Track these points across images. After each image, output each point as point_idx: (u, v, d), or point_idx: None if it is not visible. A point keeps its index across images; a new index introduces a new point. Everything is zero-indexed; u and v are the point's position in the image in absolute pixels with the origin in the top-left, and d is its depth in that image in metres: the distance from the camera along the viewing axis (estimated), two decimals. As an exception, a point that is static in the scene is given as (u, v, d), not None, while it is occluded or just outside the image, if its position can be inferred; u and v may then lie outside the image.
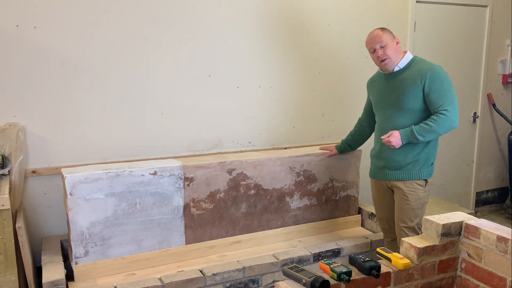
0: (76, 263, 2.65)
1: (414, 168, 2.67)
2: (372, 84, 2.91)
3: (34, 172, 2.88)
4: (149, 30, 3.05)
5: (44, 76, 2.82)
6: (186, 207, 2.90)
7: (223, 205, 3.03)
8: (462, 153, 4.63)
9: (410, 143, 2.61)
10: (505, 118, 4.71)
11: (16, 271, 2.46)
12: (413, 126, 2.58)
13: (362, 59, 3.80)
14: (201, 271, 2.65)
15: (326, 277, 1.73)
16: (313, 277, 1.66)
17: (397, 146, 2.59)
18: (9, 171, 2.70)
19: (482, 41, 4.51)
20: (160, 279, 2.55)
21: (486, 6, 4.44)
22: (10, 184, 2.64)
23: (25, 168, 2.82)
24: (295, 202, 3.27)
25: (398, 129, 2.62)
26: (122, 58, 3.01)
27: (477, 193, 4.83)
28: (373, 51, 2.68)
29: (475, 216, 2.18)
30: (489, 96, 4.66)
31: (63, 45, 2.84)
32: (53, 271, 2.51)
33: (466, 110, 4.58)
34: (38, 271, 2.71)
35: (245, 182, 3.07)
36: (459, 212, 2.11)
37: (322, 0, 3.61)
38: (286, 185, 3.22)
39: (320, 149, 3.37)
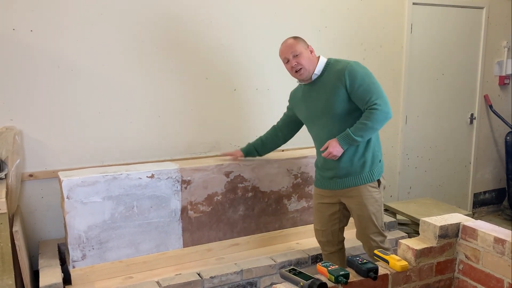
0: (74, 267, 2.64)
1: (364, 171, 2.56)
2: (295, 98, 2.80)
3: (31, 175, 2.87)
4: (146, 33, 3.05)
5: (41, 80, 2.82)
6: (183, 210, 2.90)
7: (220, 208, 3.02)
8: (459, 154, 4.64)
9: (350, 146, 2.51)
10: (502, 119, 4.72)
11: (13, 275, 2.45)
12: (348, 129, 2.47)
13: (359, 61, 3.79)
14: (199, 274, 2.64)
15: (324, 279, 1.72)
16: (311, 280, 1.65)
17: (339, 155, 2.50)
18: (6, 174, 2.70)
19: (478, 42, 4.52)
20: (158, 282, 2.54)
21: (482, 8, 4.46)
22: (7, 187, 2.63)
23: (22, 172, 2.81)
24: (293, 204, 3.27)
25: (334, 137, 2.52)
26: (119, 61, 3.01)
27: (474, 194, 4.83)
28: (286, 61, 2.59)
29: (472, 217, 2.19)
30: (486, 98, 4.68)
31: (60, 48, 2.84)
32: (51, 275, 2.50)
33: (463, 111, 4.59)
34: (35, 275, 2.70)
35: (243, 185, 3.07)
36: (456, 213, 2.11)
37: (319, 2, 3.62)
38: (283, 187, 3.22)
39: (222, 155, 3.17)
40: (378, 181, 2.61)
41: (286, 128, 2.95)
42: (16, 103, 2.79)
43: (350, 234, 3.42)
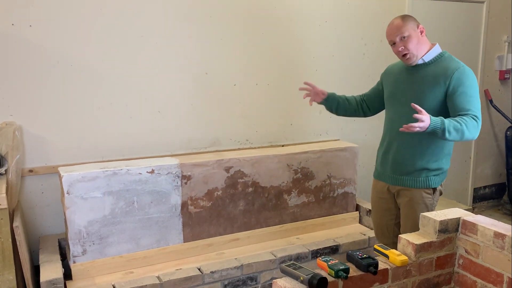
0: (74, 262, 2.65)
1: (421, 176, 2.43)
2: (390, 72, 2.61)
3: (31, 171, 2.87)
4: (146, 28, 3.04)
5: (40, 75, 2.81)
6: (183, 205, 2.90)
7: (220, 203, 3.02)
8: (459, 149, 4.63)
9: (414, 147, 2.37)
10: (502, 114, 4.72)
11: (14, 271, 2.45)
12: (443, 118, 2.16)
13: (360, 56, 3.80)
14: (199, 269, 2.65)
15: (324, 274, 1.72)
16: (311, 274, 1.65)
17: (415, 131, 2.11)
18: (6, 170, 2.69)
19: (479, 37, 4.51)
20: (158, 277, 2.55)
21: (483, 2, 4.44)
22: (7, 183, 2.63)
23: (22, 167, 2.81)
24: (293, 199, 3.27)
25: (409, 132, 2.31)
26: (118, 56, 3.00)
27: (474, 189, 4.83)
28: (393, 44, 2.39)
29: (472, 212, 2.19)
30: (486, 92, 4.67)
31: (59, 44, 2.83)
32: (51, 270, 2.51)
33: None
34: (36, 270, 2.71)
35: (243, 180, 3.07)
36: (456, 208, 2.11)
37: (319, -3, 3.61)
38: (283, 182, 3.22)
39: (305, 83, 2.68)
40: (434, 188, 2.49)
41: (372, 102, 2.70)
42: (15, 99, 2.78)
43: (348, 230, 3.43)
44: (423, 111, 2.13)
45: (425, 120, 2.10)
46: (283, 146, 3.59)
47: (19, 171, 2.76)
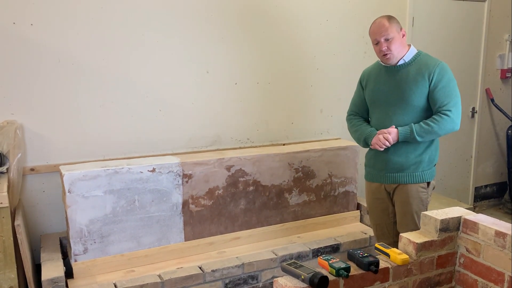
0: (75, 261, 2.65)
1: (417, 170, 2.51)
2: (369, 76, 2.67)
3: (32, 169, 2.87)
4: (147, 27, 3.04)
5: (41, 74, 2.82)
6: (185, 203, 2.90)
7: (222, 202, 3.03)
8: (460, 148, 4.64)
9: (407, 142, 2.46)
10: (504, 113, 4.71)
11: (15, 269, 2.46)
12: (413, 125, 2.43)
13: (361, 54, 3.79)
14: (200, 268, 2.65)
15: (325, 273, 1.73)
16: (312, 273, 1.66)
17: (388, 146, 2.44)
18: (7, 168, 2.69)
19: (480, 35, 4.50)
20: (159, 275, 2.55)
21: (484, 1, 4.43)
22: (9, 181, 2.63)
23: (23, 166, 2.81)
24: (294, 198, 3.27)
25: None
26: (120, 55, 3.00)
27: (475, 188, 4.83)
28: (376, 43, 2.48)
29: (473, 211, 2.19)
30: (487, 91, 4.66)
31: (60, 42, 2.83)
32: (53, 269, 2.51)
33: (464, 105, 4.53)
34: (37, 269, 2.71)
35: (244, 179, 3.07)
36: (458, 207, 2.11)
37: (320, -5, 3.61)
38: (284, 181, 3.22)
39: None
40: (428, 182, 2.56)
41: (366, 113, 2.73)
42: (17, 97, 2.78)
43: (349, 228, 3.43)
44: (388, 131, 2.45)
45: (391, 132, 2.43)
46: (284, 145, 3.59)
47: (20, 170, 2.76)
